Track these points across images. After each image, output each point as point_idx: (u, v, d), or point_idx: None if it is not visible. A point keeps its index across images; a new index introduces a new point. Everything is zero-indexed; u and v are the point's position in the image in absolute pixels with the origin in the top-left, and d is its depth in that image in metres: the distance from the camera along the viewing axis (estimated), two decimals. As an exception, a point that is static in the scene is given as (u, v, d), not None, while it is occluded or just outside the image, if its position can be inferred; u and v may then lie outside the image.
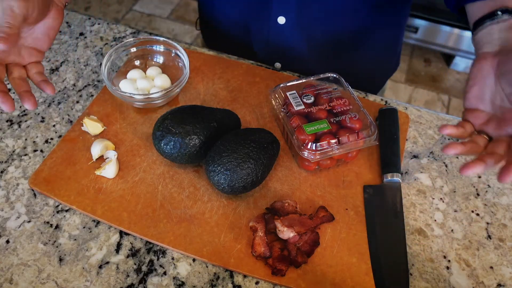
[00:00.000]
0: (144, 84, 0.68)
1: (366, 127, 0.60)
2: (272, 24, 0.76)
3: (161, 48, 0.72)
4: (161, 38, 0.72)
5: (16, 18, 0.51)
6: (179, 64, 0.71)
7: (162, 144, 0.58)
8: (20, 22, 0.52)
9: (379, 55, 0.85)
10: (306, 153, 0.58)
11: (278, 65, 0.82)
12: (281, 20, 0.74)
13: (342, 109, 0.62)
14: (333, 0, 0.71)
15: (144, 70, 0.71)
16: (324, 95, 0.63)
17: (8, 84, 0.69)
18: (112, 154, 0.62)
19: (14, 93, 0.70)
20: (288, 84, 0.65)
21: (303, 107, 0.62)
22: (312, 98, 0.63)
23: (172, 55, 0.72)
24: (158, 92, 0.64)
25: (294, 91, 0.64)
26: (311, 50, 0.79)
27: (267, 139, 0.58)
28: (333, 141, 0.58)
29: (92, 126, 0.64)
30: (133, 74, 0.70)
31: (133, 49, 0.72)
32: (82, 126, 0.65)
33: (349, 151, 0.60)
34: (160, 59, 0.73)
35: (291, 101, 0.62)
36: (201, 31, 0.96)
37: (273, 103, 0.64)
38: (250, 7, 0.77)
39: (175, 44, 0.70)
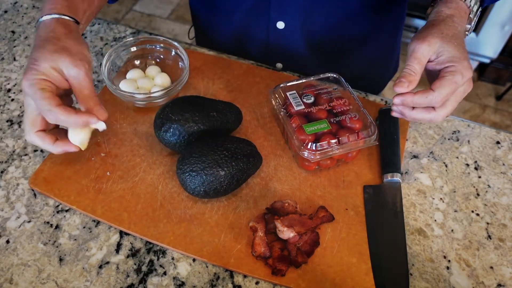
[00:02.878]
0: (145, 83, 0.68)
1: (366, 127, 0.60)
2: (271, 29, 0.76)
3: (161, 47, 0.72)
4: (161, 38, 0.72)
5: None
6: (179, 63, 0.71)
7: (162, 131, 0.59)
8: None
9: (378, 58, 0.85)
10: (306, 153, 0.58)
11: (279, 65, 0.81)
12: (280, 25, 0.74)
13: (342, 109, 0.62)
14: (332, 6, 0.71)
15: (144, 70, 0.71)
16: (324, 95, 0.63)
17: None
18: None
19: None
20: (288, 84, 0.65)
21: (303, 107, 0.62)
22: (312, 98, 0.63)
23: (172, 54, 0.72)
24: (159, 91, 0.64)
25: (294, 91, 0.64)
26: (311, 53, 0.79)
27: (245, 151, 0.57)
28: (333, 141, 0.58)
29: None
30: (133, 73, 0.70)
31: (133, 49, 0.72)
32: None
33: (349, 151, 0.60)
34: (160, 59, 0.73)
35: (291, 101, 0.62)
36: (195, 40, 0.95)
37: (273, 103, 0.64)
38: (247, 17, 0.76)
39: (175, 43, 0.70)
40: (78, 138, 0.54)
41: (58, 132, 0.56)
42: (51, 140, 0.53)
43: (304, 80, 0.66)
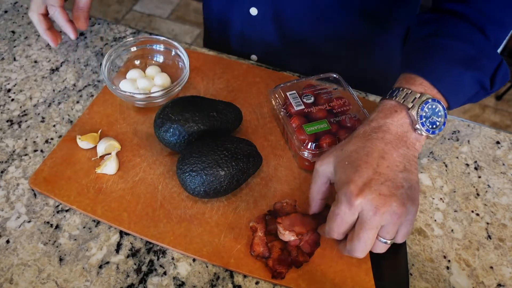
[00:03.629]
0: (145, 83, 0.68)
1: None
2: (245, 15, 0.76)
3: (161, 47, 0.72)
4: (161, 38, 0.72)
5: None
6: (179, 63, 0.71)
7: (162, 131, 0.59)
8: None
9: (376, 63, 0.83)
10: (306, 153, 0.58)
11: (254, 57, 0.81)
12: (253, 11, 0.74)
13: (342, 109, 0.62)
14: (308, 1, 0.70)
15: (144, 70, 0.71)
16: (324, 95, 0.63)
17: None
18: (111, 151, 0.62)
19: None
20: (288, 84, 0.65)
21: (303, 107, 0.62)
22: (312, 98, 0.63)
23: (172, 54, 0.72)
24: (159, 91, 0.64)
25: (294, 91, 0.64)
26: (285, 45, 0.78)
27: (244, 151, 0.57)
28: (333, 141, 0.58)
29: (87, 143, 0.63)
30: (132, 73, 0.70)
31: (133, 49, 0.72)
32: (78, 137, 0.63)
33: None
34: (160, 59, 0.73)
35: (291, 101, 0.62)
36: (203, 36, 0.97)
37: (273, 103, 0.64)
38: (225, 2, 0.77)
39: (175, 43, 0.70)
40: (112, 168, 0.60)
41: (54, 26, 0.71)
42: (46, 26, 0.69)
43: (304, 80, 0.66)
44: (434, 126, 0.50)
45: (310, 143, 0.58)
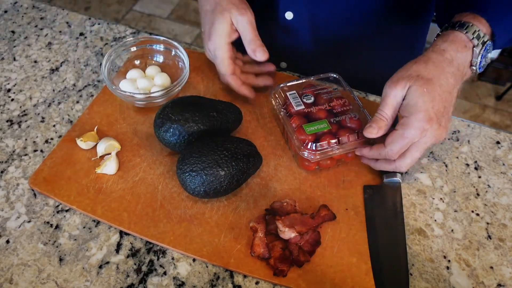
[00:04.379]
0: (144, 83, 0.68)
1: None
2: (280, 20, 0.75)
3: (161, 47, 0.72)
4: (161, 38, 0.72)
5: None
6: (179, 63, 0.71)
7: (162, 131, 0.59)
8: None
9: (394, 60, 0.83)
10: (306, 153, 0.58)
11: (283, 64, 0.81)
12: (289, 15, 0.74)
13: (342, 109, 0.62)
14: (345, 1, 0.70)
15: (144, 70, 0.71)
16: (324, 95, 0.63)
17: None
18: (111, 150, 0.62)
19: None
20: (288, 84, 0.65)
21: (303, 107, 0.62)
22: (312, 98, 0.63)
23: (172, 54, 0.72)
24: (159, 91, 0.64)
25: (294, 91, 0.64)
26: (317, 50, 0.78)
27: (244, 151, 0.57)
28: (333, 141, 0.58)
29: (87, 144, 0.63)
30: (132, 73, 0.70)
31: (133, 49, 0.72)
32: (78, 138, 0.63)
33: (349, 151, 0.60)
34: (160, 59, 0.73)
35: (291, 101, 0.62)
36: None
37: (273, 103, 0.64)
38: (255, 5, 0.76)
39: (175, 43, 0.70)
40: (112, 168, 0.60)
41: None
42: (240, 82, 0.66)
43: (304, 80, 0.66)
44: (482, 65, 0.56)
45: (310, 143, 0.58)
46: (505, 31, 0.57)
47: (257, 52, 0.63)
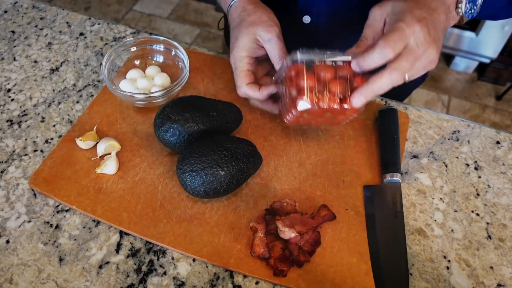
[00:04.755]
0: (144, 83, 0.68)
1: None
2: (297, 24, 0.74)
3: (161, 47, 0.72)
4: (161, 38, 0.72)
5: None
6: (179, 63, 0.71)
7: (162, 131, 0.59)
8: None
9: None
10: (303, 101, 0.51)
11: None
12: (306, 19, 0.74)
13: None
14: (363, 8, 0.70)
15: (144, 70, 0.71)
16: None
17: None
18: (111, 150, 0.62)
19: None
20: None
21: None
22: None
23: (172, 54, 0.72)
24: (159, 91, 0.64)
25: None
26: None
27: (244, 151, 0.57)
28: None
29: (86, 143, 0.63)
30: (132, 73, 0.70)
31: (133, 49, 0.72)
32: (77, 138, 0.63)
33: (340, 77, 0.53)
34: (160, 59, 0.73)
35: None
36: (224, 35, 0.96)
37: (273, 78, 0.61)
38: (274, 10, 0.75)
39: (175, 43, 0.70)
40: (112, 168, 0.60)
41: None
42: (257, 88, 0.62)
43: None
44: (472, 11, 0.55)
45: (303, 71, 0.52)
46: None
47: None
